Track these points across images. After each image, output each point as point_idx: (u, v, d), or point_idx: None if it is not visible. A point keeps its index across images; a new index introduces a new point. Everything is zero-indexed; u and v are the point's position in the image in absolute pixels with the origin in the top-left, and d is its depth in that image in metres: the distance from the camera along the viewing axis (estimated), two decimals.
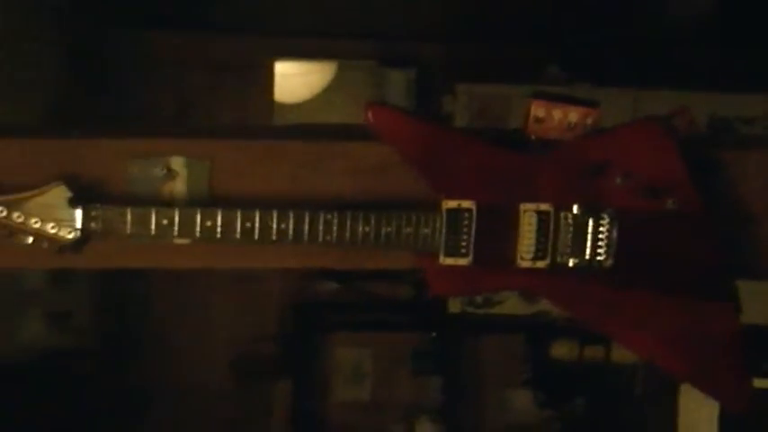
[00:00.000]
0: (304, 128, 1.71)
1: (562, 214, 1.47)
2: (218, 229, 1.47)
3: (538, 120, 1.52)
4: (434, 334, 4.10)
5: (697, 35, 3.97)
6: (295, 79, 4.15)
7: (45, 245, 1.49)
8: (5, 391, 3.26)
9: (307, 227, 1.47)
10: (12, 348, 3.58)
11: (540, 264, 1.48)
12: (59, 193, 1.48)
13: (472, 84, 3.74)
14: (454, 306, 3.65)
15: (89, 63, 3.75)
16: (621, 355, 3.64)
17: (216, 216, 1.47)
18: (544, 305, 3.49)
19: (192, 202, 1.54)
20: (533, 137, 1.53)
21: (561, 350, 3.76)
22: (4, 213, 1.46)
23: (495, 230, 1.48)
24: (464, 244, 1.47)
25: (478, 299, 3.57)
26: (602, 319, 1.53)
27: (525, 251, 1.48)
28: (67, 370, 3.68)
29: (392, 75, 4.02)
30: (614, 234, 1.47)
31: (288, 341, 4.14)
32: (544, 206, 1.47)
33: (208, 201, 1.55)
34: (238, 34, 4.18)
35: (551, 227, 1.47)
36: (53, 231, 1.48)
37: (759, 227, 1.60)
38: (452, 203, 1.47)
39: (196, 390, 4.23)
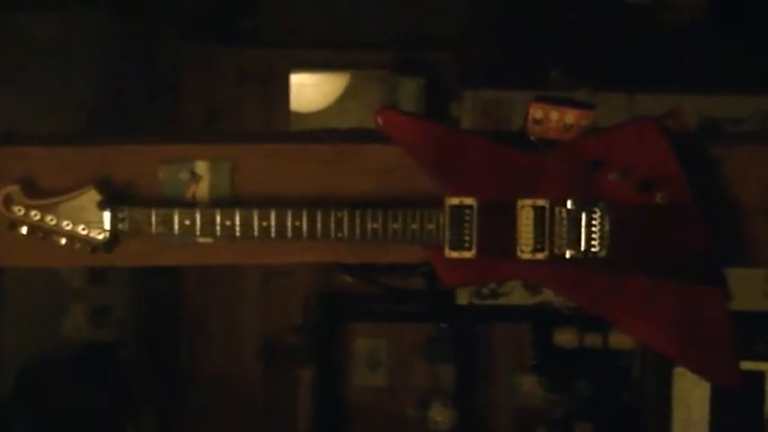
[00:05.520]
0: (319, 133, 1.70)
1: (557, 209, 1.46)
2: (237, 228, 1.47)
3: (536, 121, 1.50)
4: (443, 325, 4.09)
5: (689, 37, 3.94)
6: (310, 89, 4.13)
7: (78, 245, 1.49)
8: (51, 380, 3.28)
9: (320, 225, 1.46)
10: (57, 341, 3.60)
11: (539, 255, 1.47)
12: (90, 197, 1.48)
13: (477, 89, 3.71)
14: (462, 298, 3.63)
15: (125, 74, 3.75)
16: (619, 341, 3.62)
17: (234, 216, 1.47)
18: (546, 296, 3.47)
19: (214, 204, 1.53)
20: (533, 137, 1.51)
21: (563, 337, 3.74)
22: (38, 216, 1.47)
23: (497, 224, 1.47)
24: (467, 238, 1.46)
25: (485, 290, 3.55)
26: (601, 305, 1.52)
27: (525, 244, 1.46)
28: (107, 361, 3.70)
29: (403, 82, 4.00)
30: (606, 227, 1.45)
31: (311, 331, 4.14)
32: (540, 201, 1.46)
33: (229, 202, 1.54)
34: (260, 46, 4.18)
35: (547, 221, 1.46)
36: (84, 233, 1.48)
37: (747, 218, 1.57)
38: (455, 200, 1.46)
39: (227, 376, 4.24)
